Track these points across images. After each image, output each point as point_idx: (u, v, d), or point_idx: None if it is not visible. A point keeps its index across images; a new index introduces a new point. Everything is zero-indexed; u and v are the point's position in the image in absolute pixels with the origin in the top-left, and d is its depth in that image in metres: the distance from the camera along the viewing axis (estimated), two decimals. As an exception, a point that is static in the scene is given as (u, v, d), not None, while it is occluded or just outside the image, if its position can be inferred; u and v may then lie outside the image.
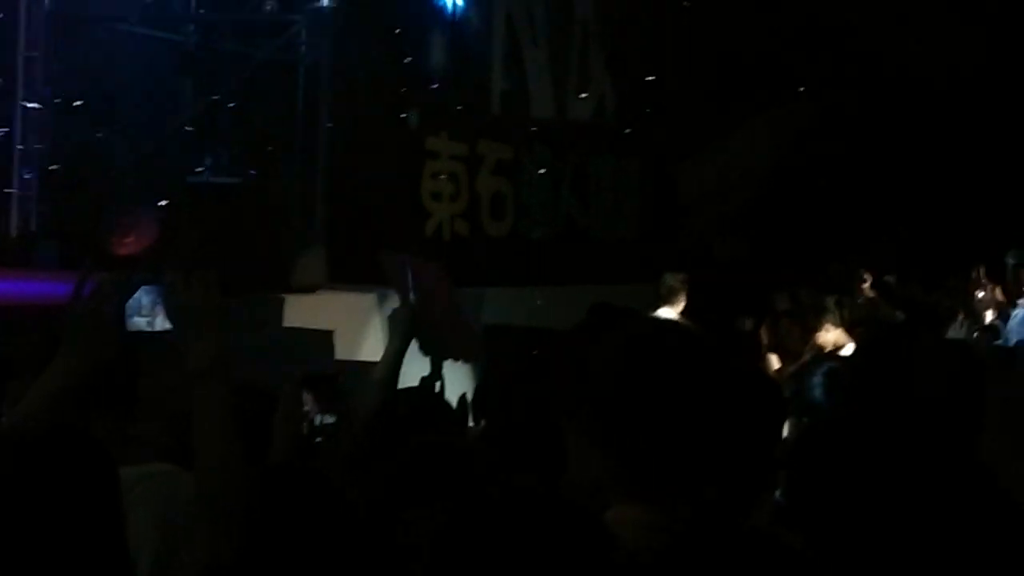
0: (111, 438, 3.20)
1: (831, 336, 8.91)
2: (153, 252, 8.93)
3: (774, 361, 9.31)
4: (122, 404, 3.47)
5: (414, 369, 5.00)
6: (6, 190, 9.77)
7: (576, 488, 2.70)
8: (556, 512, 2.23)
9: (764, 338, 9.55)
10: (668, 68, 14.68)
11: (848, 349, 8.46)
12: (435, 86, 11.81)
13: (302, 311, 9.76)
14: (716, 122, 15.43)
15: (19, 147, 9.87)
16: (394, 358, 4.72)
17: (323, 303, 9.92)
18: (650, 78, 14.33)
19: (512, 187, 12.65)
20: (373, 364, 4.70)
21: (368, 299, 10.16)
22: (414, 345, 4.91)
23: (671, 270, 10.71)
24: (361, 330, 10.06)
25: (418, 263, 5.23)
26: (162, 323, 3.25)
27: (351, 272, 10.00)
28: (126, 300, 3.38)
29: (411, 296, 4.91)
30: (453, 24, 12.36)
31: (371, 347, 9.84)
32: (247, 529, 3.11)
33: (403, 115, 11.39)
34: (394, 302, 5.24)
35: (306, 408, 3.84)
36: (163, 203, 9.85)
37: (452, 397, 5.22)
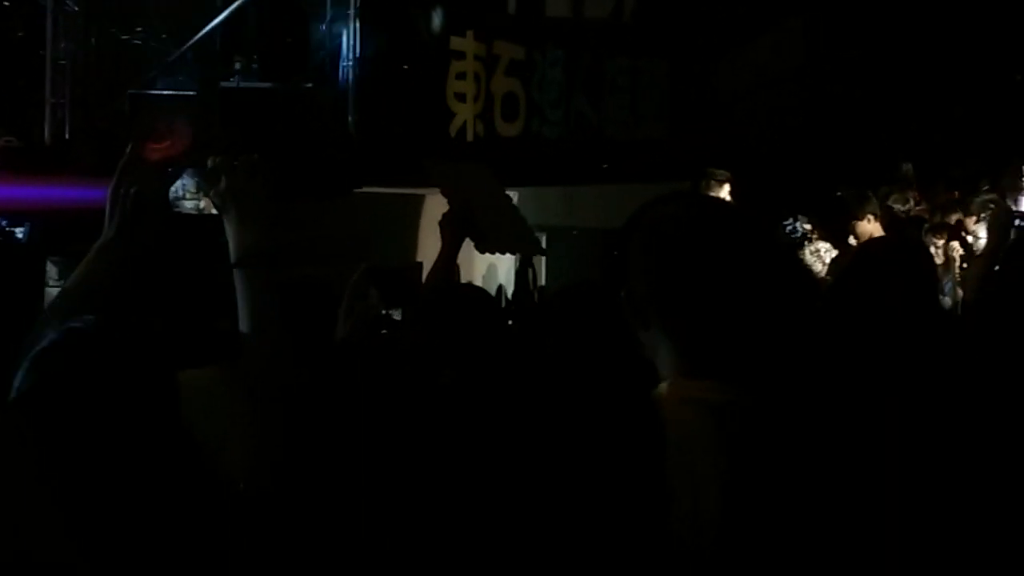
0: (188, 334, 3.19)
1: (869, 227, 8.88)
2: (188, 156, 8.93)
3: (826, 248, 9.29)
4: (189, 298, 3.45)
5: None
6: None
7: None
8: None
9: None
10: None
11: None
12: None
13: (346, 213, 9.74)
14: (749, 21, 15.29)
15: (50, 53, 9.85)
16: (446, 257, 4.73)
17: (366, 204, 9.90)
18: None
19: (523, 88, 12.59)
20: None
21: (415, 200, 10.13)
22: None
23: (703, 168, 10.67)
24: (407, 231, 10.04)
25: (463, 165, 5.18)
26: (210, 207, 3.20)
27: (385, 175, 9.97)
28: (170, 184, 3.38)
29: (458, 197, 4.87)
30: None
31: (421, 247, 9.81)
32: (294, 419, 3.11)
33: (428, 14, 11.30)
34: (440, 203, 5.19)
35: (372, 301, 3.82)
36: (198, 108, 9.82)
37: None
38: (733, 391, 2.43)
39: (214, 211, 3.34)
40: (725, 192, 10.21)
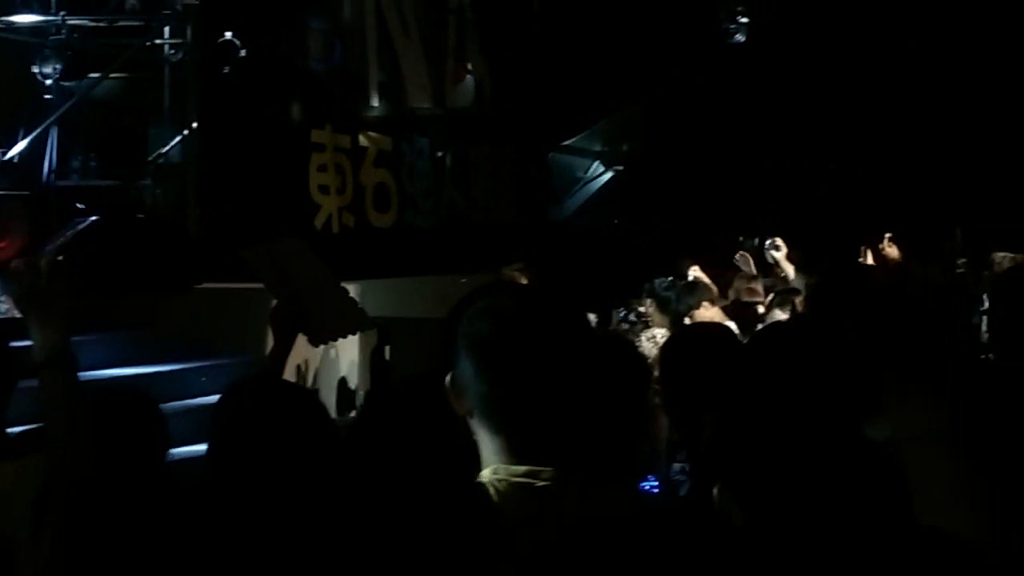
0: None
1: (708, 314, 8.88)
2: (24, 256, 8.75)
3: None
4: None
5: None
6: None
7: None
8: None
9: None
10: (541, 53, 14.81)
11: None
12: (316, 79, 11.72)
13: (185, 309, 9.64)
14: (592, 107, 15.58)
15: None
16: (278, 354, 4.59)
17: (206, 300, 9.79)
18: (522, 63, 14.45)
19: (394, 178, 12.63)
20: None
21: (259, 295, 10.06)
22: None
23: (546, 253, 10.79)
24: (251, 327, 9.93)
25: (279, 245, 5.02)
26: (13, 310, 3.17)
27: (228, 270, 9.87)
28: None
29: (284, 290, 4.74)
30: (328, 15, 12.24)
31: (267, 343, 9.71)
32: (94, 517, 3.06)
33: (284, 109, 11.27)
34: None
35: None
36: (33, 208, 9.68)
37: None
38: (553, 475, 2.45)
39: (16, 314, 3.30)
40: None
